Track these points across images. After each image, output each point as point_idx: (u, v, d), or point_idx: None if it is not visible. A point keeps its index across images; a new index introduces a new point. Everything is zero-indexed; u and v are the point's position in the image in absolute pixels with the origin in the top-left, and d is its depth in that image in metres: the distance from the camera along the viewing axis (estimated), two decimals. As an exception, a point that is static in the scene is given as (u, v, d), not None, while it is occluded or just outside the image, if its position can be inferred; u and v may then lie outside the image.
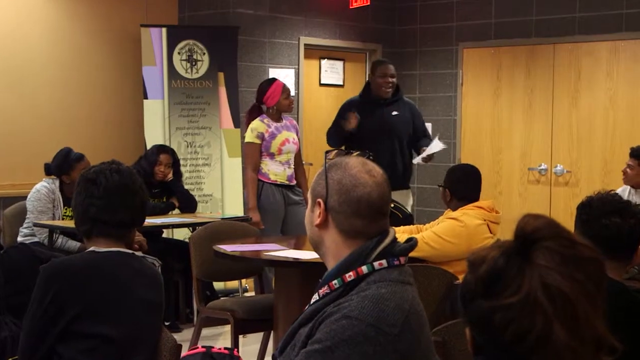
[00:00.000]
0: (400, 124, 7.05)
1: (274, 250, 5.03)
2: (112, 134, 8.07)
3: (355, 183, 2.22)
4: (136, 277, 2.92)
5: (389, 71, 7.06)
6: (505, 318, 1.35)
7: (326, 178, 2.25)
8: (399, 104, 7.12)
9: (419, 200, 9.46)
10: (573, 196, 8.36)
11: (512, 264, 1.38)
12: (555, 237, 1.40)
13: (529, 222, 1.43)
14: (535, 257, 1.37)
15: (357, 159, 2.29)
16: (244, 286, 7.66)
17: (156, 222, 6.52)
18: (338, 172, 2.25)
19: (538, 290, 1.34)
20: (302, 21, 8.85)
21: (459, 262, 4.76)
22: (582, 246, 1.40)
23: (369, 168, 2.26)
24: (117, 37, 8.10)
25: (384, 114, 7.02)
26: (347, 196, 2.21)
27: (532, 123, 8.72)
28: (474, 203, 4.91)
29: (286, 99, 6.99)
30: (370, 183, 2.22)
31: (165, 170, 7.01)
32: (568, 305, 1.35)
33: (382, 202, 2.24)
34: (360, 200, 2.21)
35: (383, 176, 2.27)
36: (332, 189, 2.23)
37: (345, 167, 2.25)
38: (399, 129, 7.05)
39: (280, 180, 6.95)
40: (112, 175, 2.92)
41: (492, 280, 1.38)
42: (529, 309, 1.34)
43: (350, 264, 2.18)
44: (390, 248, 2.21)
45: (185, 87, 8.03)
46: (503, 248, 1.41)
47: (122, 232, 2.95)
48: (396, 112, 7.07)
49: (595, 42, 8.33)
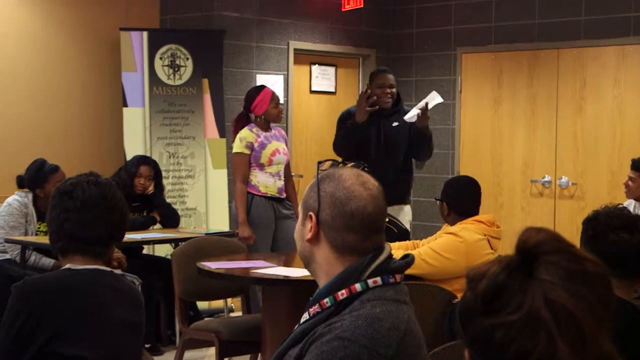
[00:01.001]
0: (401, 136, 7.01)
1: (262, 267, 5.02)
2: (89, 144, 8.06)
3: (349, 196, 2.22)
4: (115, 297, 2.91)
5: (387, 81, 6.99)
6: (506, 336, 1.35)
7: (318, 190, 2.25)
8: (400, 115, 7.09)
9: (415, 214, 9.47)
10: (578, 210, 8.37)
11: (514, 279, 1.37)
12: (560, 251, 1.39)
13: (531, 235, 1.42)
14: (538, 272, 1.37)
15: (352, 171, 2.29)
16: (229, 306, 7.64)
17: (136, 238, 6.51)
18: (331, 184, 2.25)
19: (541, 307, 1.34)
20: (292, 25, 8.86)
21: (458, 279, 4.77)
22: (588, 261, 1.40)
23: (364, 180, 2.26)
24: (95, 41, 8.10)
25: (384, 126, 6.98)
26: (340, 210, 2.21)
27: (535, 132, 8.75)
28: (474, 217, 4.91)
29: (275, 108, 7.00)
30: (365, 196, 2.22)
31: (146, 183, 7.01)
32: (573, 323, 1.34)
33: (378, 216, 2.24)
34: (354, 215, 2.21)
35: (378, 189, 2.27)
36: (324, 202, 2.23)
37: (339, 178, 2.25)
38: (400, 141, 7.01)
39: (270, 192, 6.95)
40: (90, 188, 2.91)
41: (492, 296, 1.37)
42: (532, 327, 1.34)
43: (343, 281, 2.18)
44: (385, 265, 2.21)
45: (168, 94, 8.02)
46: (504, 263, 1.41)
47: (100, 249, 2.93)
48: (397, 122, 7.03)
49: (602, 47, 8.36)
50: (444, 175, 8.78)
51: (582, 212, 8.02)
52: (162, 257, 7.32)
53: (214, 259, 5.30)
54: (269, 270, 4.90)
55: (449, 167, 9.28)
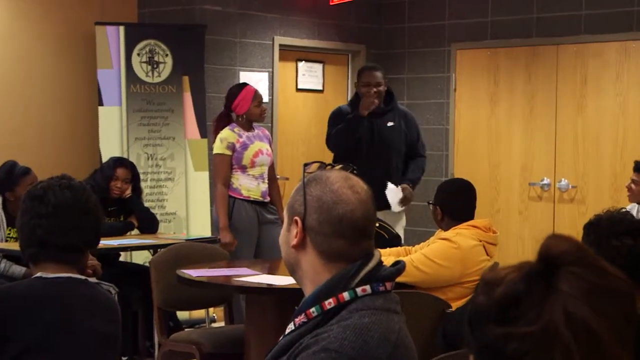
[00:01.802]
0: (396, 137, 7.00)
1: (246, 275, 5.02)
2: (62, 145, 8.04)
3: (337, 200, 2.22)
4: (89, 307, 2.91)
5: (373, 80, 6.94)
6: (519, 349, 1.33)
7: (304, 194, 2.25)
8: (393, 114, 7.08)
9: (407, 218, 9.47)
10: (579, 214, 8.39)
11: (533, 288, 1.35)
12: (584, 264, 1.37)
13: (555, 243, 1.40)
14: (560, 284, 1.34)
15: (339, 173, 2.29)
16: (211, 316, 7.63)
17: (112, 244, 6.49)
18: (318, 188, 2.25)
19: (560, 321, 1.31)
20: (277, 19, 8.86)
21: (452, 287, 4.77)
22: (613, 276, 1.37)
23: (352, 183, 2.26)
24: (69, 36, 8.08)
25: (378, 126, 6.96)
26: (327, 214, 2.22)
27: (533, 133, 8.76)
28: (469, 222, 4.92)
29: (257, 107, 7.00)
30: (353, 200, 2.22)
31: (123, 186, 6.99)
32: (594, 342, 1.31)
33: (367, 221, 2.24)
34: (342, 219, 2.21)
35: (368, 193, 2.27)
36: (310, 206, 2.23)
37: (326, 181, 2.25)
38: (396, 142, 7.00)
39: (253, 196, 6.95)
40: (63, 192, 2.90)
41: (508, 304, 1.35)
42: (548, 341, 1.31)
43: (330, 289, 2.18)
44: (374, 272, 2.21)
45: (146, 92, 8.01)
46: (524, 270, 1.38)
47: (73, 256, 2.92)
48: (392, 122, 7.02)
49: (603, 43, 8.38)
50: (438, 178, 8.78)
51: (583, 216, 8.04)
52: (140, 264, 7.31)
53: (195, 267, 5.29)
54: (253, 278, 4.90)
55: (442, 170, 9.29)
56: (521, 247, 8.74)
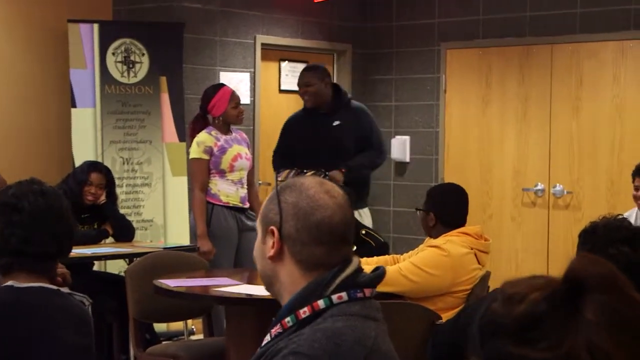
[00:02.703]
0: (341, 136, 7.18)
1: (226, 285, 5.02)
2: (33, 149, 8.02)
3: (314, 205, 2.23)
4: (62, 318, 2.90)
5: (301, 80, 7.30)
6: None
7: (279, 202, 2.26)
8: (341, 112, 7.25)
9: (395, 225, 9.49)
10: (575, 221, 8.41)
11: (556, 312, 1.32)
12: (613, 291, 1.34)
13: (584, 265, 1.36)
14: (585, 310, 1.31)
15: (314, 179, 2.32)
16: (190, 328, 7.62)
17: (86, 253, 6.47)
18: (293, 194, 2.26)
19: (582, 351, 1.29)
20: (259, 17, 8.86)
21: (442, 297, 4.78)
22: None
23: (328, 188, 2.28)
24: (39, 34, 8.06)
25: (323, 126, 7.19)
26: (305, 221, 2.23)
27: (527, 136, 8.78)
28: (459, 229, 4.93)
29: (235, 108, 7.02)
30: (331, 205, 2.24)
31: (97, 192, 6.97)
32: None
33: (345, 226, 2.26)
34: (321, 225, 2.22)
35: (344, 197, 2.29)
36: (287, 213, 2.24)
37: (301, 187, 2.27)
38: (342, 141, 7.18)
39: (232, 202, 6.95)
40: (37, 199, 2.90)
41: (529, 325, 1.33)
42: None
43: (305, 298, 2.19)
44: (352, 279, 2.22)
45: (121, 93, 8.00)
46: (548, 291, 1.35)
47: (46, 264, 2.93)
48: (338, 121, 7.21)
49: (600, 42, 8.41)
50: (427, 183, 8.80)
51: (578, 223, 8.06)
52: (115, 274, 7.29)
53: (173, 276, 5.29)
54: (233, 289, 4.90)
55: (432, 174, 9.30)
56: (514, 255, 8.76)
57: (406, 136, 9.41)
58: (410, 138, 9.42)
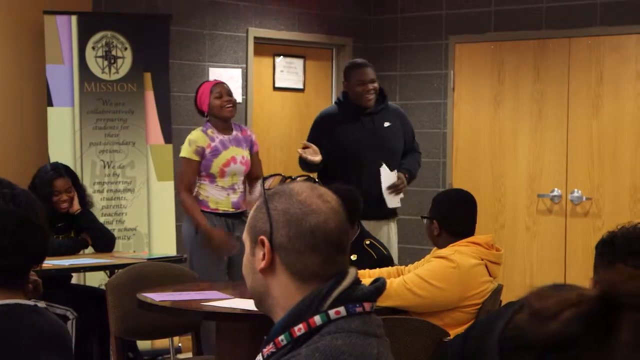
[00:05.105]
0: (394, 138, 7.11)
1: (216, 299, 5.02)
2: (6, 151, 8.02)
3: (307, 210, 2.23)
4: (38, 338, 2.88)
5: (367, 77, 7.07)
6: None
7: (268, 210, 2.26)
8: (388, 113, 7.18)
9: (400, 235, 9.48)
10: (594, 230, 8.43)
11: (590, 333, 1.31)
12: None
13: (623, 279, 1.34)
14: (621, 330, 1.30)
15: (304, 184, 2.33)
16: (176, 346, 7.62)
17: (63, 264, 6.47)
18: (282, 201, 2.26)
19: None
20: (252, 8, 8.88)
21: (450, 312, 4.79)
22: None
23: (321, 192, 2.28)
24: (13, 26, 8.07)
25: (374, 127, 7.06)
26: (297, 228, 2.23)
27: (543, 137, 8.80)
28: (469, 238, 4.94)
29: (218, 99, 7.01)
30: (324, 209, 2.24)
31: (69, 196, 6.93)
32: None
33: (341, 233, 2.26)
34: (315, 231, 2.22)
35: (338, 202, 2.29)
36: (277, 221, 2.24)
37: (291, 193, 2.27)
38: (394, 144, 7.11)
39: (222, 208, 6.96)
40: (8, 205, 2.85)
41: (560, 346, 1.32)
42: None
43: (300, 314, 2.19)
44: (350, 292, 2.22)
45: (102, 91, 8.01)
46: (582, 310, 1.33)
47: (20, 277, 2.90)
48: (388, 123, 7.12)
49: (621, 36, 8.43)
50: (433, 189, 8.81)
51: (598, 232, 8.07)
52: (95, 287, 7.30)
53: (158, 290, 5.29)
54: (224, 303, 4.90)
55: (439, 179, 9.31)
56: (529, 267, 8.78)
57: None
58: (415, 140, 9.43)
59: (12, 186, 2.90)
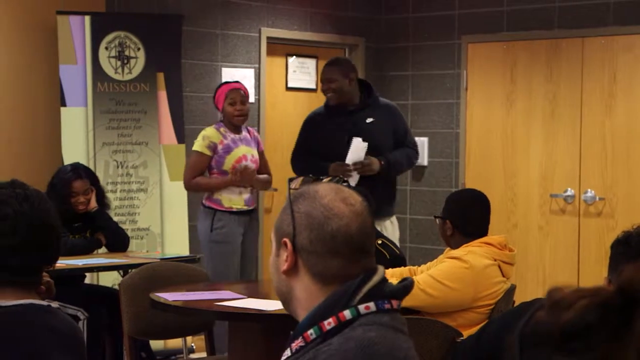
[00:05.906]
0: (378, 134, 7.11)
1: (229, 299, 5.02)
2: (20, 152, 8.03)
3: (329, 214, 2.25)
4: (52, 338, 2.87)
5: (323, 76, 7.23)
6: None
7: (292, 212, 2.28)
8: (373, 109, 7.19)
9: (412, 234, 9.49)
10: (608, 230, 8.41)
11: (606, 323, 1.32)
12: None
13: None
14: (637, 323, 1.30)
15: (329, 186, 2.33)
16: (189, 346, 7.63)
17: (77, 264, 6.48)
18: (306, 203, 2.27)
19: None
20: (264, 8, 8.88)
21: (463, 313, 4.79)
22: None
23: (345, 195, 2.29)
24: (26, 27, 8.08)
25: (355, 124, 7.09)
26: (319, 231, 2.24)
27: (556, 137, 8.78)
28: (481, 239, 4.93)
29: (231, 105, 7.06)
30: (347, 213, 2.25)
31: (86, 198, 6.96)
32: None
33: (364, 236, 2.27)
34: (336, 235, 2.23)
35: (362, 204, 2.30)
36: (300, 224, 2.26)
37: (315, 195, 2.28)
38: (378, 140, 7.10)
39: (236, 206, 7.00)
40: (22, 205, 2.84)
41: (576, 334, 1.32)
42: None
43: (329, 308, 2.20)
44: (379, 288, 2.23)
45: (115, 91, 8.02)
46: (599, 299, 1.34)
47: (33, 278, 2.89)
48: (371, 118, 7.14)
49: (635, 35, 8.41)
50: (446, 189, 8.81)
51: (612, 232, 8.05)
52: (108, 287, 7.31)
53: (171, 290, 5.30)
54: (237, 303, 4.90)
55: (451, 179, 9.30)
56: (542, 268, 8.76)
57: (424, 138, 9.41)
58: (428, 140, 9.42)
59: (25, 187, 2.90)
